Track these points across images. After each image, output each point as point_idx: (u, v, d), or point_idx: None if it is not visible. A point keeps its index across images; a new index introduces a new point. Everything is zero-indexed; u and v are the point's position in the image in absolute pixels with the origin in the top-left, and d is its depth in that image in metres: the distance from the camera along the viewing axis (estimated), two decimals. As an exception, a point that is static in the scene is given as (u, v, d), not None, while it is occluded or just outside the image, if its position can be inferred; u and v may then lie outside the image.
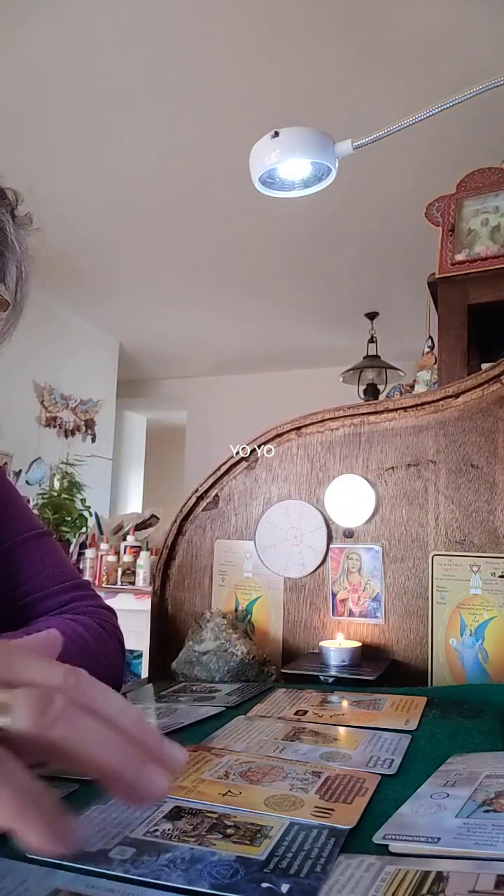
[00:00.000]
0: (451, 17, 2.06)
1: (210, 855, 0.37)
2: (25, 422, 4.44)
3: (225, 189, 3.07)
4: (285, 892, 0.34)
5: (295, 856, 0.38)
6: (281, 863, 0.37)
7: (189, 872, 0.35)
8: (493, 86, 0.89)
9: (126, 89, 2.43)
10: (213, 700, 0.74)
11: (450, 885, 0.34)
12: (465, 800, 0.44)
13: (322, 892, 0.34)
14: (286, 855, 0.38)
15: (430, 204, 1.51)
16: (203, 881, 0.35)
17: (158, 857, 0.37)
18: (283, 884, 0.35)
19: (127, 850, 0.38)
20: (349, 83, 2.35)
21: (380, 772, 0.51)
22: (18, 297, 0.70)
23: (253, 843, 0.39)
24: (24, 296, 0.71)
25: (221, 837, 0.39)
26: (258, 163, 0.97)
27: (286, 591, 0.99)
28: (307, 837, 0.40)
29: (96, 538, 3.15)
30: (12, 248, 0.68)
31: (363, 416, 0.97)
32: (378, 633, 0.93)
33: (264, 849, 0.38)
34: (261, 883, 0.35)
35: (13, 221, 0.68)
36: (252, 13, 2.06)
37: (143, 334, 5.23)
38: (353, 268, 3.90)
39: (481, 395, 0.92)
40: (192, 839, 0.39)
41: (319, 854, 0.38)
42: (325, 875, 0.36)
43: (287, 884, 0.35)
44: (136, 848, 0.38)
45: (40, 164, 2.92)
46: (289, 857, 0.37)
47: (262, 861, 0.37)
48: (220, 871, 0.36)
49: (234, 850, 0.38)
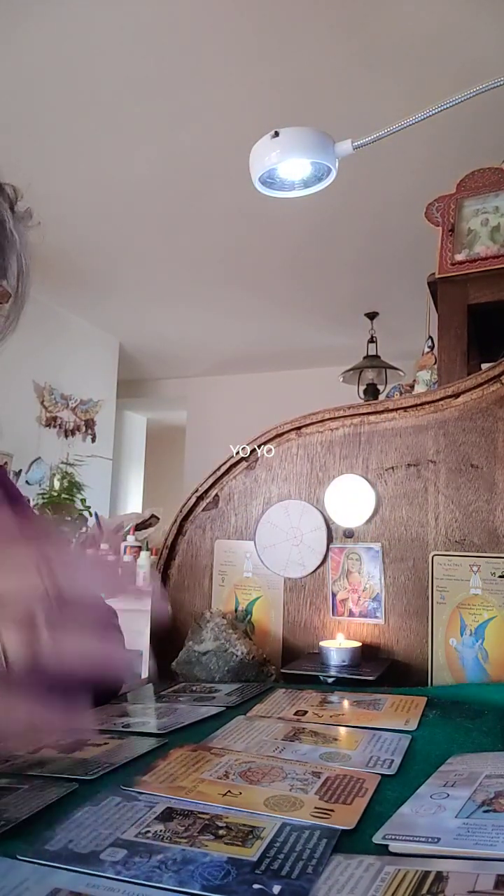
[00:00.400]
0: (451, 17, 2.05)
1: (202, 856, 0.37)
2: (25, 422, 4.44)
3: (225, 189, 3.07)
4: (276, 893, 0.34)
5: (287, 857, 0.37)
6: (273, 864, 0.37)
7: (180, 874, 0.35)
8: (493, 86, 0.88)
9: (126, 89, 2.43)
10: (213, 700, 0.74)
11: (450, 885, 0.34)
12: (465, 800, 0.44)
13: (314, 893, 0.34)
14: (278, 856, 0.38)
15: (430, 204, 1.51)
16: (194, 882, 0.35)
17: (150, 859, 0.37)
18: (275, 885, 0.34)
19: (118, 851, 0.38)
20: (349, 83, 2.35)
21: (380, 772, 0.51)
22: (20, 290, 0.70)
23: (245, 845, 0.39)
24: (25, 289, 0.70)
25: (213, 838, 0.39)
26: (258, 163, 0.97)
27: (286, 591, 0.99)
28: (299, 838, 0.40)
29: (96, 538, 3.15)
30: (12, 241, 0.68)
31: (363, 416, 0.97)
32: (378, 633, 0.93)
33: (256, 850, 0.38)
34: (252, 884, 0.34)
35: (13, 215, 0.68)
36: (252, 13, 2.06)
37: (143, 334, 5.23)
38: (353, 268, 3.90)
39: (481, 395, 0.92)
40: (183, 840, 0.39)
41: (311, 855, 0.38)
42: (316, 876, 0.35)
43: (278, 885, 0.34)
44: (127, 849, 0.38)
45: (40, 164, 2.92)
46: (280, 858, 0.37)
47: (254, 862, 0.37)
48: (211, 872, 0.36)
49: (225, 851, 0.38)
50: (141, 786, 0.47)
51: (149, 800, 0.45)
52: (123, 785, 0.47)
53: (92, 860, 0.37)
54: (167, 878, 0.35)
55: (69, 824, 0.41)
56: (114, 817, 0.42)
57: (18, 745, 0.50)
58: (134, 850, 0.38)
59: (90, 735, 0.60)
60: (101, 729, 0.62)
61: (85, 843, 0.38)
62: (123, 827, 0.41)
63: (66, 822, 0.41)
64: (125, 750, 0.55)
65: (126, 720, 0.66)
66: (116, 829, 0.40)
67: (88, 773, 0.50)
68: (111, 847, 0.38)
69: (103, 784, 0.48)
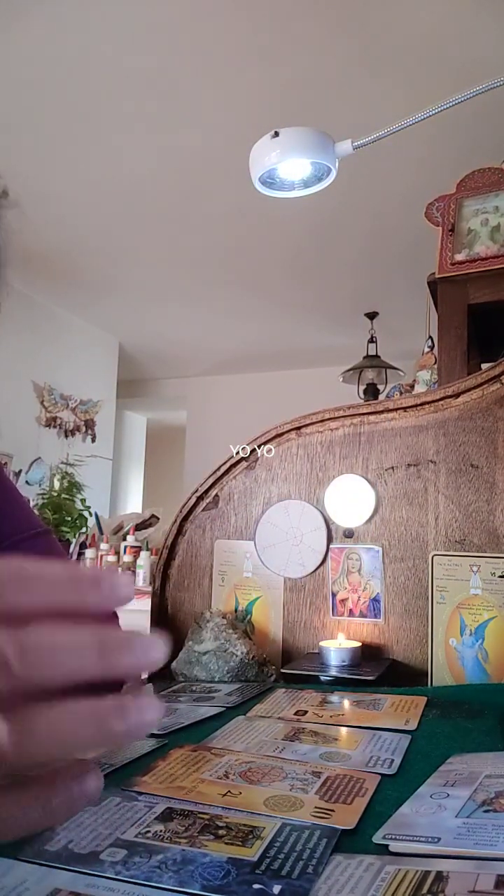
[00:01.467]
0: (451, 17, 2.06)
1: (201, 856, 0.37)
2: (25, 422, 4.44)
3: (225, 189, 3.07)
4: (277, 893, 0.34)
5: (287, 857, 0.37)
6: (273, 864, 0.37)
7: (180, 874, 0.35)
8: (493, 86, 0.89)
9: (126, 89, 2.43)
10: (213, 700, 0.74)
11: (450, 884, 0.34)
12: (465, 800, 0.44)
13: (314, 893, 0.34)
14: (278, 856, 0.38)
15: (430, 204, 1.51)
16: (194, 882, 0.35)
17: (150, 859, 0.37)
18: (275, 885, 0.34)
19: (118, 851, 0.38)
20: (349, 83, 2.35)
21: (380, 772, 0.51)
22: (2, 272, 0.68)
23: (245, 845, 0.39)
24: (4, 265, 0.68)
25: (213, 838, 0.39)
26: (258, 163, 0.97)
27: (286, 591, 0.99)
28: (299, 838, 0.40)
29: (96, 538, 3.16)
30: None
31: (363, 416, 0.97)
32: (378, 633, 0.93)
33: (256, 850, 0.38)
34: (252, 884, 0.34)
35: None
36: (252, 13, 2.06)
37: (142, 334, 5.23)
38: (353, 268, 3.90)
39: (481, 395, 0.92)
40: (183, 840, 0.39)
41: (311, 855, 0.38)
42: (316, 876, 0.35)
43: (279, 885, 0.34)
44: (127, 849, 0.38)
45: (40, 164, 2.92)
46: (280, 858, 0.37)
47: (254, 862, 0.37)
48: (211, 872, 0.36)
49: (225, 851, 0.38)
50: (141, 786, 0.47)
51: (148, 800, 0.45)
52: (123, 785, 0.47)
53: (92, 860, 0.37)
54: (167, 879, 0.35)
55: (69, 824, 0.41)
56: (114, 817, 0.42)
57: None
58: (134, 850, 0.38)
59: None
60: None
61: (85, 844, 0.38)
62: (123, 827, 0.41)
63: (65, 822, 0.41)
64: (125, 750, 0.55)
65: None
66: (116, 829, 0.40)
67: (88, 773, 0.50)
68: (111, 847, 0.38)
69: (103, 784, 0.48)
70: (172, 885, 0.34)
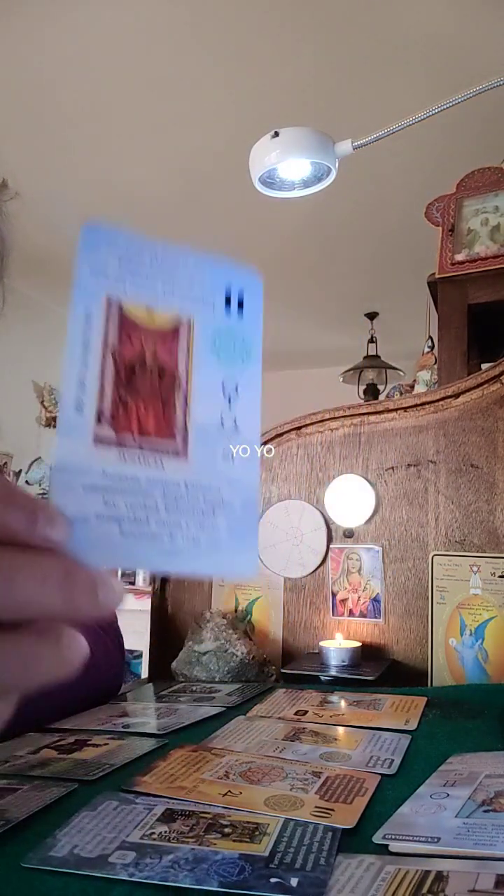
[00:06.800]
0: (451, 17, 2.05)
1: (213, 854, 0.37)
2: (25, 422, 4.44)
3: (225, 189, 3.07)
4: (295, 885, 0.34)
5: (297, 851, 0.38)
6: (285, 858, 0.37)
7: (196, 872, 0.35)
8: (493, 86, 0.89)
9: (126, 90, 2.43)
10: (213, 700, 0.74)
11: (450, 884, 0.34)
12: (465, 800, 0.44)
13: (332, 885, 0.34)
14: (288, 850, 0.38)
15: (430, 204, 1.51)
16: (212, 880, 0.35)
17: (161, 860, 0.37)
18: (292, 878, 0.35)
19: (127, 854, 0.38)
20: (349, 83, 2.35)
21: (380, 772, 0.51)
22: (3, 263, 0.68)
23: (253, 841, 0.39)
24: (5, 255, 0.68)
25: (220, 836, 0.39)
26: (258, 163, 0.97)
27: (286, 591, 0.99)
28: (305, 833, 0.40)
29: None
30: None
31: (363, 416, 0.97)
32: (378, 633, 0.93)
33: (265, 846, 0.38)
34: (269, 878, 0.35)
35: None
36: (252, 13, 2.06)
37: (143, 334, 5.22)
38: (352, 268, 3.90)
39: (481, 395, 0.92)
40: (191, 840, 0.39)
41: (321, 848, 0.38)
42: (329, 867, 0.36)
43: (296, 878, 0.35)
44: (135, 851, 0.38)
45: (40, 164, 2.92)
46: (291, 853, 0.38)
47: (266, 857, 0.37)
48: (226, 869, 0.36)
49: (235, 848, 0.38)
50: (141, 786, 0.47)
51: (147, 802, 0.44)
52: (123, 786, 0.47)
53: (102, 864, 0.37)
54: (183, 877, 0.35)
55: (70, 829, 0.40)
56: (114, 821, 0.42)
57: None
58: (142, 851, 0.38)
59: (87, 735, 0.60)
60: (102, 729, 0.62)
61: (91, 848, 0.38)
62: (127, 830, 0.40)
63: (66, 827, 0.41)
64: (125, 751, 0.55)
65: (126, 720, 0.66)
66: (120, 832, 0.40)
67: (89, 774, 0.50)
68: (119, 850, 0.38)
69: (103, 785, 0.48)
70: (190, 883, 0.35)
